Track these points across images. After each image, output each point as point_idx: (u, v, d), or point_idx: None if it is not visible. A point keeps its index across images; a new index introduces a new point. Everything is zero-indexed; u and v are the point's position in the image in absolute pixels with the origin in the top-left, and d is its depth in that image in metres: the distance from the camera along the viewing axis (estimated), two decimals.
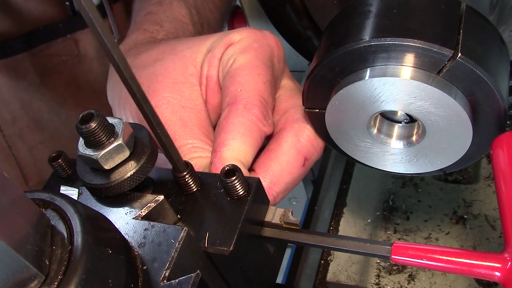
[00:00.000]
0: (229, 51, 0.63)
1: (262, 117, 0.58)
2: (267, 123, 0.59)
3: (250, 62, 0.61)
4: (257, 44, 0.63)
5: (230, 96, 0.59)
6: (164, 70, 0.65)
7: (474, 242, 0.83)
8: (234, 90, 0.59)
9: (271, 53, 0.63)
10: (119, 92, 0.68)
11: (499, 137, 0.48)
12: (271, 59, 0.63)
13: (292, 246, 0.95)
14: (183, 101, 0.62)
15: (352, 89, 0.54)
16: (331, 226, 0.93)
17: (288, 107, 0.63)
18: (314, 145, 0.61)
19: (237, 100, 0.58)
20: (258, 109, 0.58)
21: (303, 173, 0.61)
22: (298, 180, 0.61)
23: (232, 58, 0.62)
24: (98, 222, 0.40)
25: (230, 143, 0.56)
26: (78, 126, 0.44)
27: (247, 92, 0.58)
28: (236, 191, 0.47)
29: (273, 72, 0.62)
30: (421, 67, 0.51)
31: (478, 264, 0.43)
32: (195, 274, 0.38)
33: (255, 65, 0.60)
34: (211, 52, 0.64)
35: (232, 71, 0.61)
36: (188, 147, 0.60)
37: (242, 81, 0.59)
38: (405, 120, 0.59)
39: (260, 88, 0.59)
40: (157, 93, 0.63)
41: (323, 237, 0.49)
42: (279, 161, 0.58)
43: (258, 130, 0.58)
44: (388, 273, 0.84)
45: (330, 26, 0.60)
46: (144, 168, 0.47)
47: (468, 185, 0.91)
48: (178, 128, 0.61)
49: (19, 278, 0.33)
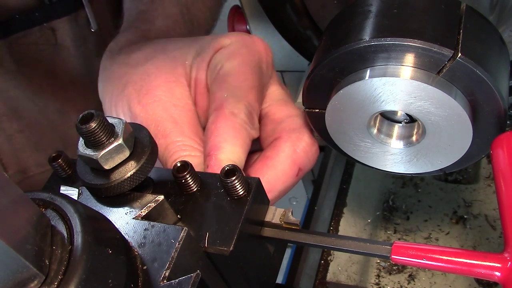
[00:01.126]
0: (218, 56, 0.64)
1: (249, 121, 0.59)
2: (253, 127, 0.60)
3: (237, 67, 0.61)
4: (246, 49, 0.63)
5: (217, 102, 0.60)
6: (155, 70, 0.66)
7: (474, 242, 0.83)
8: (221, 96, 0.60)
9: (259, 59, 0.64)
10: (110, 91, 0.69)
11: (499, 137, 0.48)
12: (259, 65, 0.64)
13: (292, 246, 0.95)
14: (174, 99, 0.63)
15: (352, 89, 0.54)
16: (331, 226, 0.93)
17: (284, 117, 0.64)
18: (308, 156, 0.62)
19: (223, 106, 0.59)
20: (244, 114, 0.59)
21: (295, 182, 0.62)
22: (290, 188, 0.62)
23: (220, 63, 0.63)
24: (98, 222, 0.40)
25: (223, 146, 0.57)
26: (78, 126, 0.44)
27: (233, 97, 0.59)
28: (236, 191, 0.47)
29: (261, 78, 0.63)
30: (421, 67, 0.51)
31: (478, 264, 0.43)
32: (195, 274, 0.38)
33: (242, 71, 0.61)
34: (200, 56, 0.65)
35: (219, 76, 0.62)
36: (178, 145, 0.60)
37: (228, 87, 0.60)
38: (405, 120, 0.59)
39: (246, 94, 0.60)
40: (150, 91, 0.63)
41: (323, 237, 0.49)
42: (275, 170, 0.60)
43: (247, 133, 0.59)
44: (388, 273, 0.84)
45: (330, 26, 0.60)
46: (144, 168, 0.47)
47: (468, 185, 0.91)
48: (169, 125, 0.61)
49: (19, 278, 0.33)
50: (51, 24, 0.89)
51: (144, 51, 0.70)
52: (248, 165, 0.62)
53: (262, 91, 0.64)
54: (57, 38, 0.91)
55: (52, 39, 0.90)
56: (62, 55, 0.93)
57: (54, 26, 0.90)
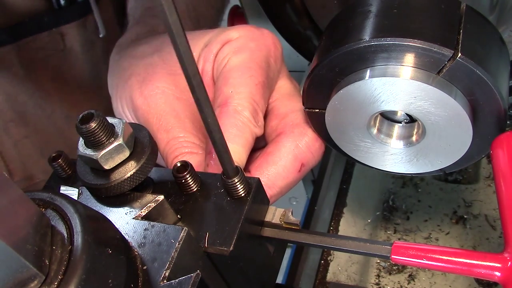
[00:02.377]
0: (225, 49, 0.63)
1: (252, 118, 0.58)
2: (257, 124, 0.59)
3: (244, 63, 0.60)
4: (254, 43, 0.62)
5: (221, 97, 0.59)
6: (161, 61, 0.65)
7: (474, 242, 0.83)
8: (226, 92, 0.59)
9: (267, 53, 0.63)
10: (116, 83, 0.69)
11: (499, 137, 0.48)
12: (267, 60, 0.63)
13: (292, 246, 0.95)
14: (177, 92, 0.62)
15: (352, 89, 0.54)
16: (331, 226, 0.93)
17: (288, 112, 0.63)
18: (312, 152, 0.61)
19: (227, 102, 0.58)
20: (248, 111, 0.58)
21: (299, 179, 0.61)
22: (293, 185, 0.61)
23: (227, 57, 0.62)
24: (98, 222, 0.40)
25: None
26: (78, 126, 0.44)
27: (238, 94, 0.58)
28: (236, 191, 0.47)
29: (268, 73, 0.62)
30: (421, 67, 0.51)
31: (478, 264, 0.43)
32: (195, 274, 0.38)
33: (249, 66, 0.60)
34: (207, 47, 0.64)
35: (226, 71, 0.61)
36: (180, 141, 0.60)
37: (234, 82, 0.59)
38: (405, 120, 0.59)
39: (251, 91, 0.59)
40: (152, 82, 0.63)
41: (323, 237, 0.49)
42: (275, 165, 0.59)
43: (250, 130, 0.58)
44: (388, 273, 0.84)
45: (330, 26, 0.60)
46: (144, 168, 0.47)
47: (468, 185, 0.91)
48: (171, 119, 0.61)
49: (19, 278, 0.33)
50: (60, 29, 0.89)
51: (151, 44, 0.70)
52: (250, 161, 0.61)
53: (270, 87, 0.63)
54: (65, 43, 0.90)
55: (61, 44, 0.90)
56: (70, 60, 0.93)
57: (63, 31, 0.89)
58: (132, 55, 0.69)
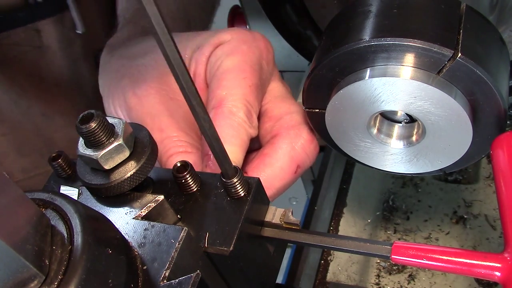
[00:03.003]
0: (218, 52, 0.63)
1: (247, 119, 0.59)
2: (252, 125, 0.59)
3: (237, 65, 0.61)
4: (246, 46, 0.63)
5: (215, 99, 0.59)
6: (153, 62, 0.65)
7: (474, 242, 0.83)
8: (220, 94, 0.59)
9: (259, 56, 0.63)
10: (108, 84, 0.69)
11: (499, 137, 0.48)
12: (259, 62, 0.63)
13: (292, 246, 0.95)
14: (171, 92, 0.63)
15: (352, 89, 0.54)
16: (331, 226, 0.93)
17: (282, 114, 0.63)
18: (307, 153, 0.62)
19: (222, 104, 0.58)
20: (243, 112, 0.58)
21: (294, 180, 0.62)
22: (288, 186, 0.61)
23: (219, 60, 0.62)
24: (98, 222, 0.40)
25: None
26: (78, 126, 0.44)
27: (232, 95, 0.59)
28: (236, 191, 0.47)
29: (261, 75, 0.62)
30: (421, 67, 0.51)
31: (478, 264, 0.43)
32: (195, 274, 0.38)
33: (242, 68, 0.60)
34: (199, 50, 0.64)
35: (219, 74, 0.61)
36: (174, 140, 0.60)
37: (227, 84, 0.59)
38: (405, 120, 0.59)
39: (245, 92, 0.59)
40: (145, 82, 0.63)
41: (323, 237, 0.49)
42: (272, 167, 0.59)
43: (245, 131, 0.58)
44: (388, 273, 0.84)
45: (330, 26, 0.60)
46: (144, 168, 0.47)
47: (468, 185, 0.91)
48: (165, 118, 0.61)
49: (19, 278, 0.33)
50: (36, 25, 0.87)
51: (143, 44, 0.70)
52: (246, 163, 0.61)
53: (263, 89, 0.64)
54: (42, 40, 0.88)
55: (37, 40, 0.88)
56: (47, 57, 0.91)
57: (39, 27, 0.87)
58: (124, 56, 0.69)
